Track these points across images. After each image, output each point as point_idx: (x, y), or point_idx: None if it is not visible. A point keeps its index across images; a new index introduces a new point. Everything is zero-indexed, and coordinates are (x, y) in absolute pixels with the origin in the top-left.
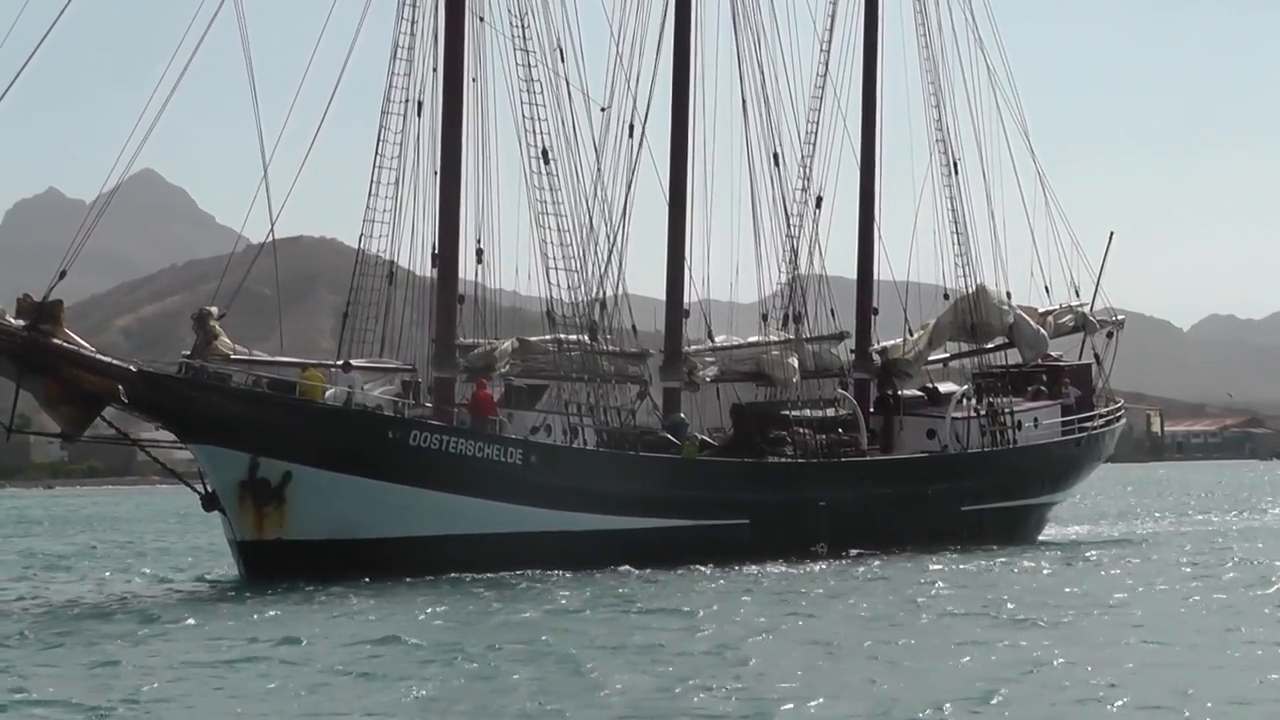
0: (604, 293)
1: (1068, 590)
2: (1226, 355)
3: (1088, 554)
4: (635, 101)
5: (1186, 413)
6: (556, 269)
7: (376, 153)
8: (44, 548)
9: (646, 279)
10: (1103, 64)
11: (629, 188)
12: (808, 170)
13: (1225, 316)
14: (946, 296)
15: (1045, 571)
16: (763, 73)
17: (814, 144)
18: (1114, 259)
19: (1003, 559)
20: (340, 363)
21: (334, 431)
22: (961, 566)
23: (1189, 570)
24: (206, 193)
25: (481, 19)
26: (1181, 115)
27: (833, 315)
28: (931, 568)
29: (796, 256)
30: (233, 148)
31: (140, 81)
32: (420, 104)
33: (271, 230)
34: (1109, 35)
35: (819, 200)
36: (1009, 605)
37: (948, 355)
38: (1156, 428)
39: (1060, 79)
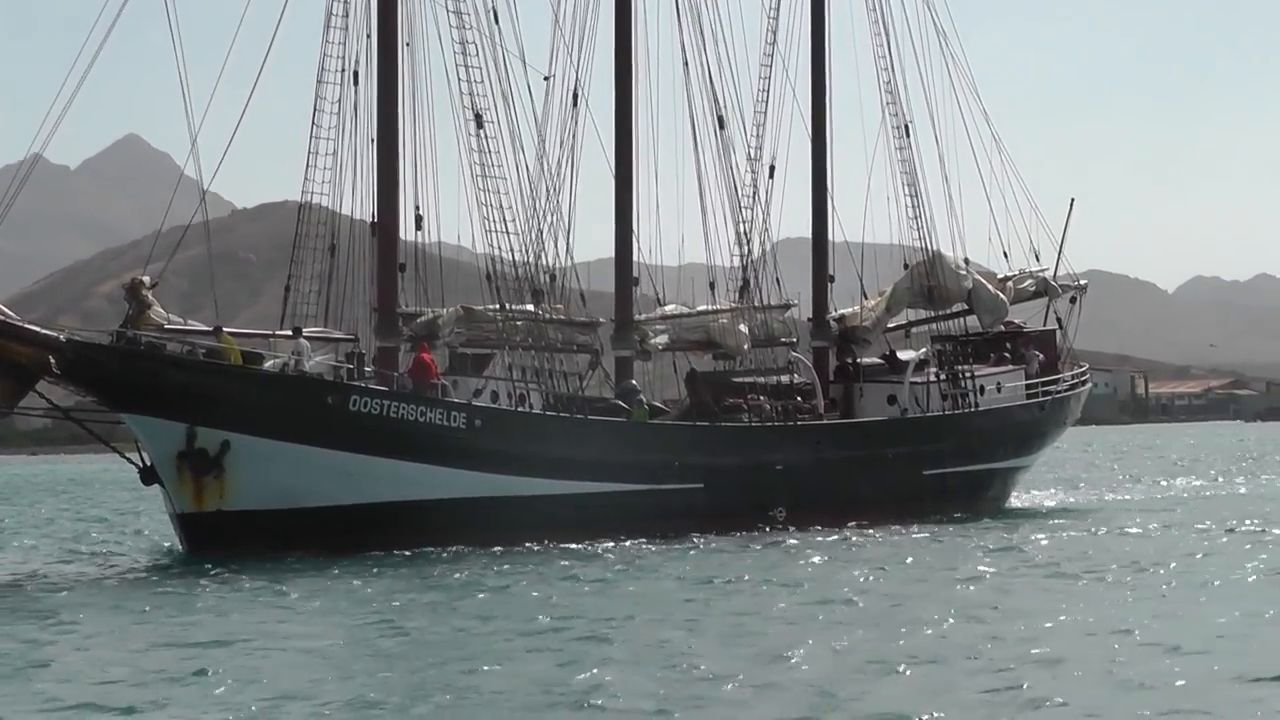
0: (549, 260)
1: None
2: (1211, 317)
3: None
4: (578, 69)
5: (1171, 374)
6: (495, 233)
7: (313, 123)
8: None
9: (595, 245)
10: (1081, 26)
11: (574, 155)
12: (760, 138)
13: (1210, 278)
14: (906, 266)
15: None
16: (704, 36)
17: (765, 111)
18: (1098, 222)
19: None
20: (289, 331)
21: (272, 398)
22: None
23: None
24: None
25: None
26: (1167, 79)
27: (778, 284)
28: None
29: (744, 225)
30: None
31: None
32: (356, 74)
33: (203, 201)
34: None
35: (771, 169)
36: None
37: (908, 322)
38: (1141, 390)
39: (1036, 41)
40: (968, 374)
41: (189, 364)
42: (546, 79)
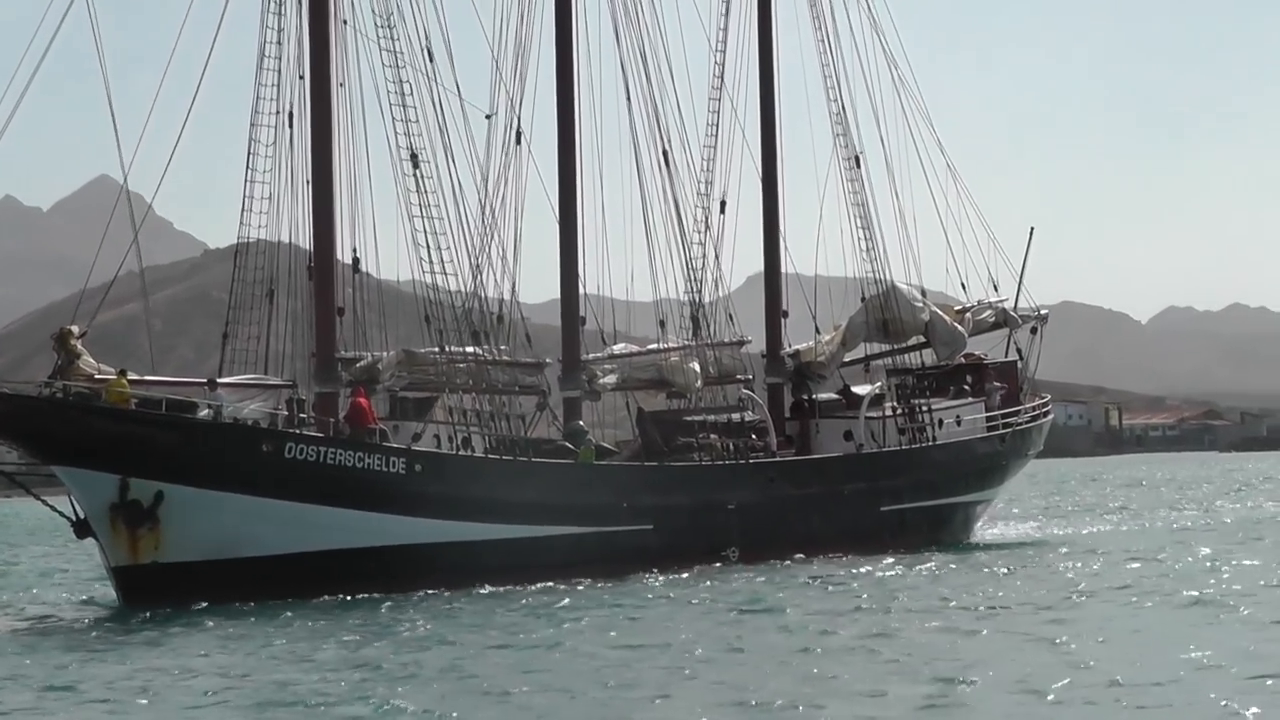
0: (493, 300)
1: None
2: (1185, 347)
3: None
4: (519, 107)
5: (1145, 405)
6: (434, 274)
7: (248, 166)
8: None
9: (545, 286)
10: (1046, 55)
11: (518, 194)
12: (709, 173)
13: (1184, 308)
14: (863, 299)
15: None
16: (648, 70)
17: (714, 145)
18: (1071, 253)
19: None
20: (205, 381)
21: (205, 448)
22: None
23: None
24: (163, 199)
25: (345, 22)
26: (1139, 110)
27: (731, 320)
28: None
29: (694, 261)
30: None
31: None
32: (291, 114)
33: (135, 240)
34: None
35: (723, 204)
36: None
37: (865, 356)
38: (1115, 421)
39: (1013, 72)
40: (925, 408)
41: (120, 414)
42: (488, 117)
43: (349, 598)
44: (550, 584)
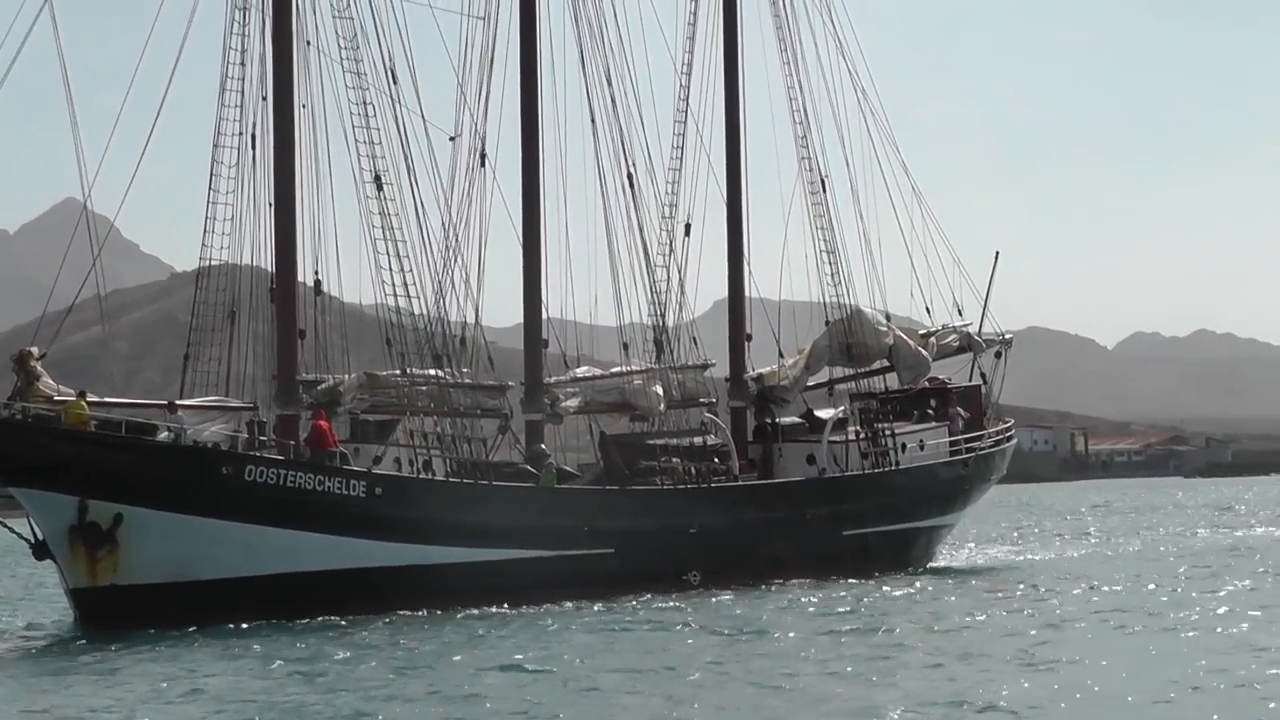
0: (457, 323)
1: None
2: (1151, 372)
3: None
4: (483, 129)
5: (1111, 431)
6: (396, 296)
7: (210, 187)
8: None
9: (510, 309)
10: (1023, 86)
11: (482, 216)
12: (674, 195)
13: (1150, 334)
14: (828, 323)
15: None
16: (613, 93)
17: (679, 168)
18: (1038, 278)
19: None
20: (166, 403)
21: (165, 470)
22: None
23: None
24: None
25: (309, 43)
26: (1107, 138)
27: (695, 343)
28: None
29: (657, 284)
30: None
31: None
32: (254, 136)
33: (96, 261)
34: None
35: (688, 227)
36: None
37: (829, 380)
38: (1081, 447)
39: (979, 97)
40: (888, 432)
41: (79, 436)
42: (452, 139)
43: (309, 621)
44: (513, 607)
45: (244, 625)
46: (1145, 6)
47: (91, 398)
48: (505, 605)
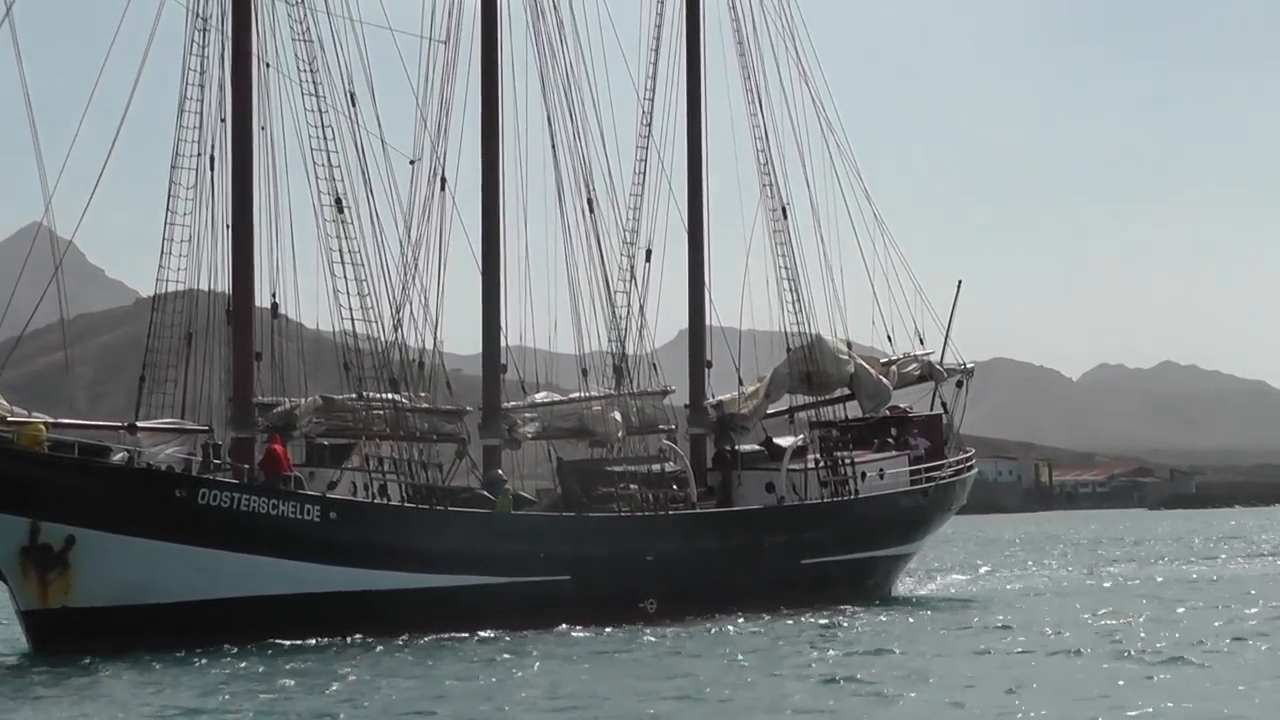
0: (416, 347)
1: None
2: (1116, 404)
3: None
4: (441, 153)
5: (1076, 462)
6: (354, 320)
7: (167, 209)
8: None
9: (470, 335)
10: (988, 117)
11: (441, 240)
12: (636, 221)
13: (1115, 365)
14: (789, 350)
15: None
16: (574, 117)
17: (641, 194)
18: (1003, 309)
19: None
20: (125, 424)
21: (117, 492)
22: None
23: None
24: (96, 247)
25: (268, 65)
26: (1073, 170)
27: (655, 369)
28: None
29: (617, 310)
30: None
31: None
32: (212, 158)
33: (53, 282)
34: (992, 84)
35: (648, 253)
36: None
37: (789, 408)
38: (1045, 477)
39: (944, 127)
40: (848, 460)
41: (30, 457)
42: (412, 163)
43: (261, 645)
44: (463, 634)
45: (198, 650)
46: (1110, 44)
47: (48, 419)
48: (454, 632)
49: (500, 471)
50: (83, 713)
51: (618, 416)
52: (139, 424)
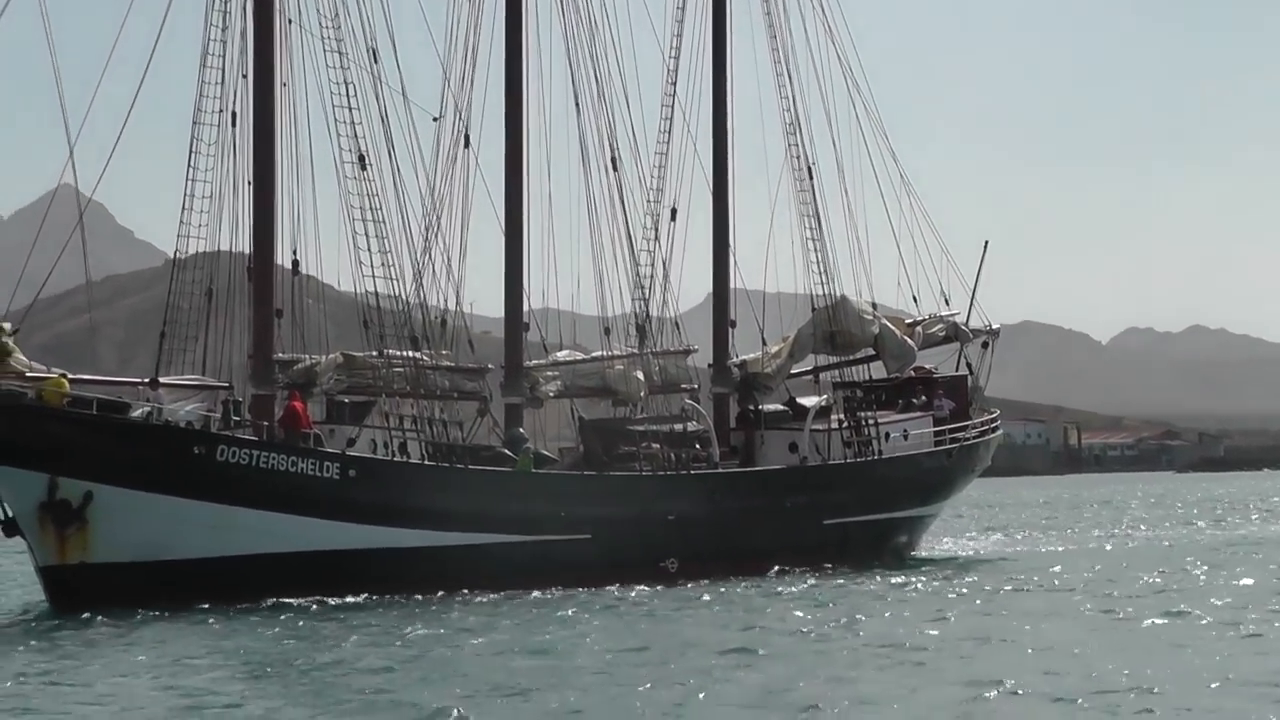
0: (440, 305)
1: None
2: (1144, 368)
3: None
4: (465, 111)
5: (1104, 425)
6: (375, 277)
7: (189, 164)
8: None
9: (490, 300)
10: (1018, 77)
11: (465, 198)
12: (661, 180)
13: (1144, 329)
14: (815, 309)
15: None
16: (599, 76)
17: (666, 154)
18: (1033, 273)
19: None
20: (146, 381)
21: (136, 448)
22: None
23: None
24: (125, 208)
25: (291, 20)
26: (1104, 132)
27: (678, 329)
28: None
29: (640, 269)
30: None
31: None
32: (234, 114)
33: (81, 234)
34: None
35: (674, 212)
36: None
37: (814, 368)
38: (1074, 441)
39: (973, 87)
40: (871, 421)
41: (50, 413)
42: (435, 120)
43: (279, 603)
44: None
45: (214, 606)
46: (1142, 8)
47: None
48: (475, 591)
49: (522, 430)
50: (99, 665)
51: (640, 375)
52: (160, 380)
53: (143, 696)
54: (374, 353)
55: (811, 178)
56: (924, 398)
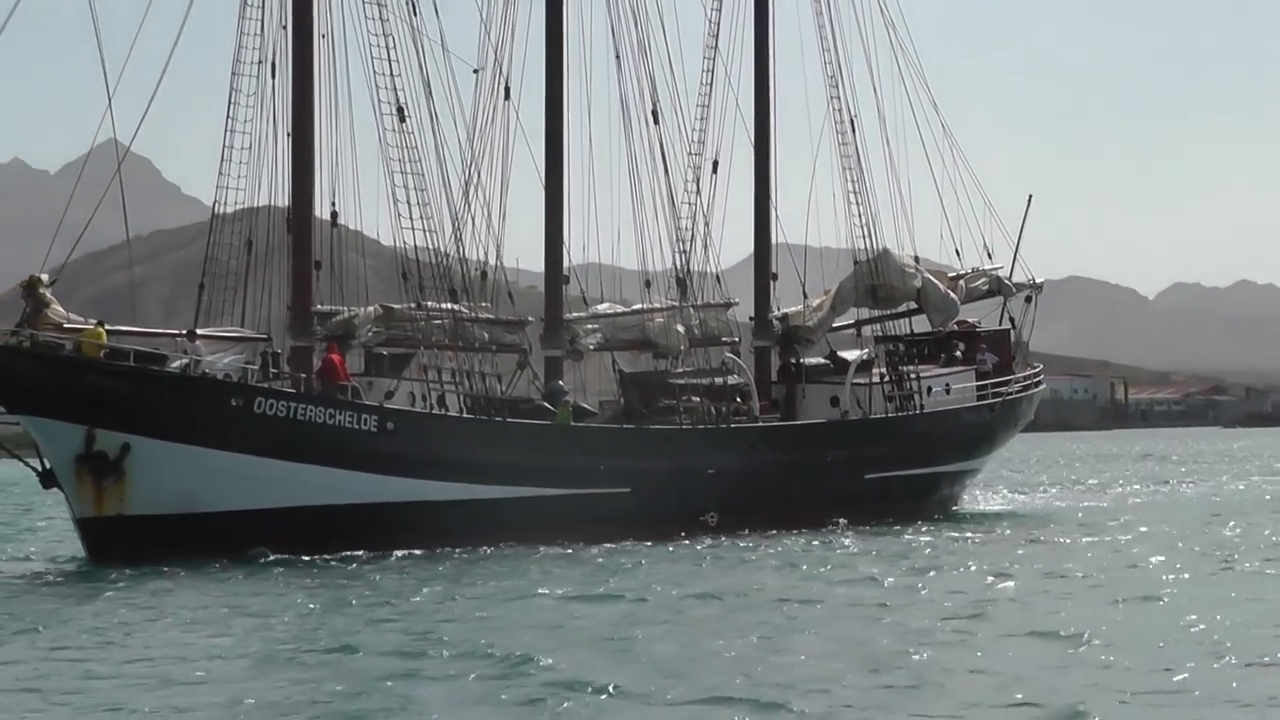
0: (479, 257)
1: None
2: (1192, 323)
3: None
4: (505, 63)
5: (1151, 380)
6: (415, 229)
7: (228, 115)
8: None
9: (528, 246)
10: (1063, 28)
11: (505, 150)
12: (702, 132)
13: (1191, 285)
14: (858, 262)
15: None
16: (639, 28)
17: (708, 105)
18: (1080, 227)
19: None
20: (184, 332)
21: (173, 400)
22: None
23: None
24: (172, 163)
25: None
26: (1151, 85)
27: (719, 282)
28: None
29: (681, 221)
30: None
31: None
32: (274, 65)
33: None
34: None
35: (715, 164)
36: None
37: (856, 321)
38: (1121, 396)
39: (1018, 40)
40: (913, 375)
41: (87, 364)
42: (476, 72)
43: (316, 556)
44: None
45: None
46: None
47: (108, 327)
48: (512, 544)
49: (561, 383)
50: (136, 616)
51: (680, 328)
52: (198, 331)
53: (198, 649)
54: (412, 305)
55: (854, 130)
56: (966, 352)
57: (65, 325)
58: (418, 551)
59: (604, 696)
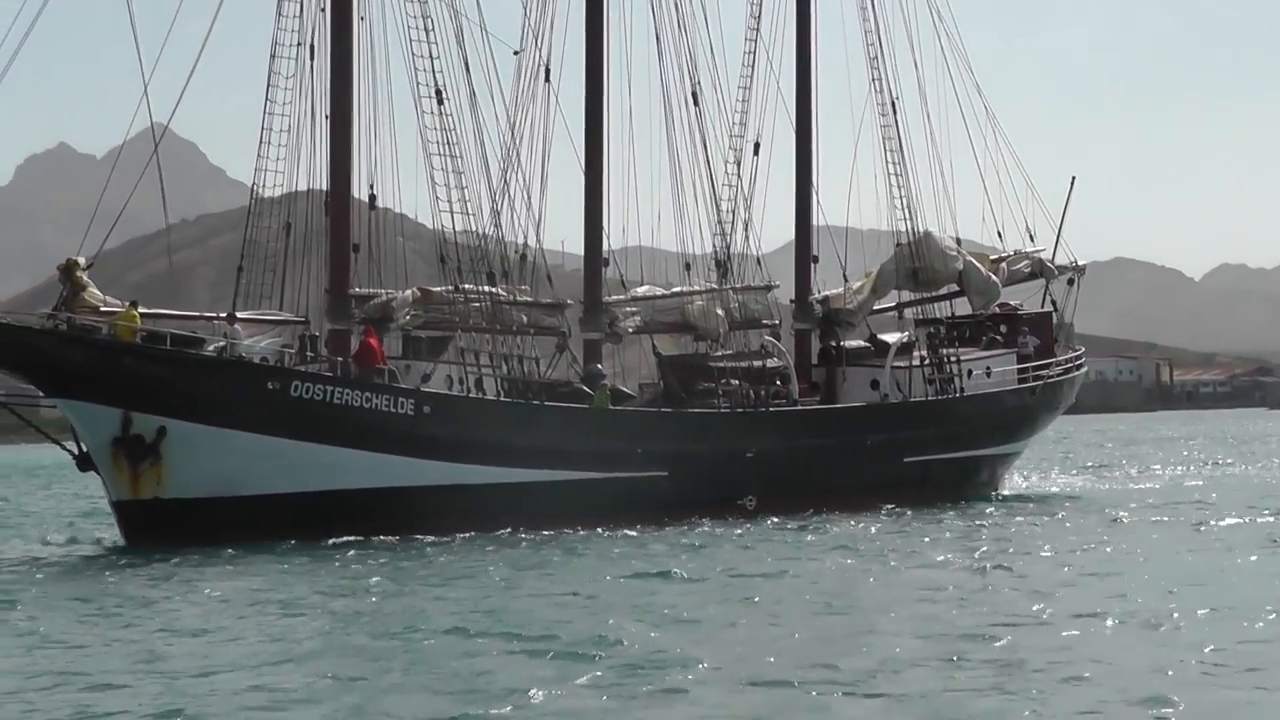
0: (519, 240)
1: None
2: (1237, 304)
3: None
4: (545, 45)
5: (1197, 361)
6: (453, 212)
7: (266, 98)
8: None
9: (569, 228)
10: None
11: (545, 132)
12: (744, 114)
13: (1236, 266)
14: (898, 246)
15: None
16: (680, 9)
17: (749, 88)
18: (1124, 209)
19: None
20: (224, 315)
21: (210, 384)
22: None
23: None
24: (218, 147)
25: None
26: (1197, 65)
27: (760, 264)
28: None
29: (722, 203)
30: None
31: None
32: (313, 47)
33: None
34: None
35: (756, 146)
36: None
37: (897, 304)
38: (1166, 377)
39: (1061, 20)
40: (954, 358)
41: (123, 347)
42: (516, 54)
43: (353, 539)
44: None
45: (288, 542)
46: None
47: (142, 310)
48: (550, 528)
49: (600, 366)
50: (165, 598)
51: (720, 311)
52: (236, 314)
53: (249, 631)
54: (450, 287)
55: (895, 111)
56: (1008, 335)
57: (102, 309)
58: (464, 535)
59: (690, 675)
